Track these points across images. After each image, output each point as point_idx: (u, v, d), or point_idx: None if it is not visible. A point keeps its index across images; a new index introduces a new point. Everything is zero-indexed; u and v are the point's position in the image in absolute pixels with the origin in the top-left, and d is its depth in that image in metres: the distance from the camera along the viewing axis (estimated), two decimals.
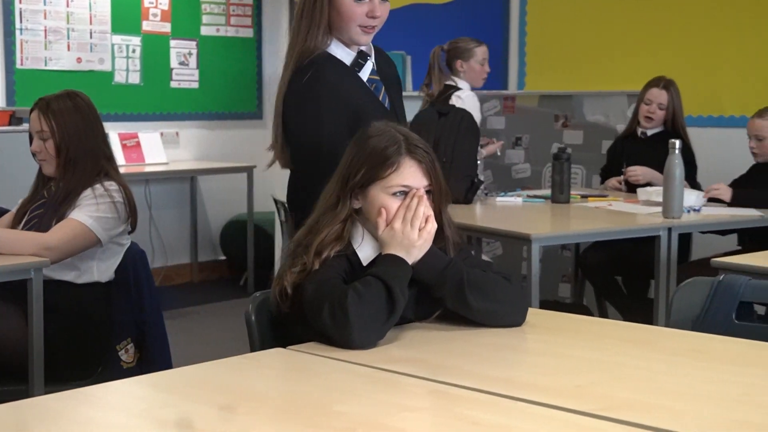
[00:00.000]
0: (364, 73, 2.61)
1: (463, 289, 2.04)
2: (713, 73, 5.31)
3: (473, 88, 5.00)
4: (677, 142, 3.82)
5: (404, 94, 5.39)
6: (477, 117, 4.75)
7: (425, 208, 2.04)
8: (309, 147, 2.56)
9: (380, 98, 2.62)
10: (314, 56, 2.56)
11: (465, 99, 4.84)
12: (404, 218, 2.03)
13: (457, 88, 4.88)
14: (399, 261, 2.01)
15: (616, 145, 5.06)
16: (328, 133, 2.52)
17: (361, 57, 2.59)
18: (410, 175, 2.06)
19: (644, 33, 5.59)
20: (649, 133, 4.82)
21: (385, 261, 2.01)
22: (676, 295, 2.47)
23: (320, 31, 2.55)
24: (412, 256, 2.03)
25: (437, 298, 2.07)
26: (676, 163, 3.79)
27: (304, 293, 1.97)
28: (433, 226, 2.05)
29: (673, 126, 4.75)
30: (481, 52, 4.97)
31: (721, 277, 2.45)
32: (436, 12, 6.56)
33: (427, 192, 2.08)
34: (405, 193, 2.05)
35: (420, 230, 2.03)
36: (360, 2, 2.51)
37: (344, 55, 2.59)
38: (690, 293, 2.44)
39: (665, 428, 1.45)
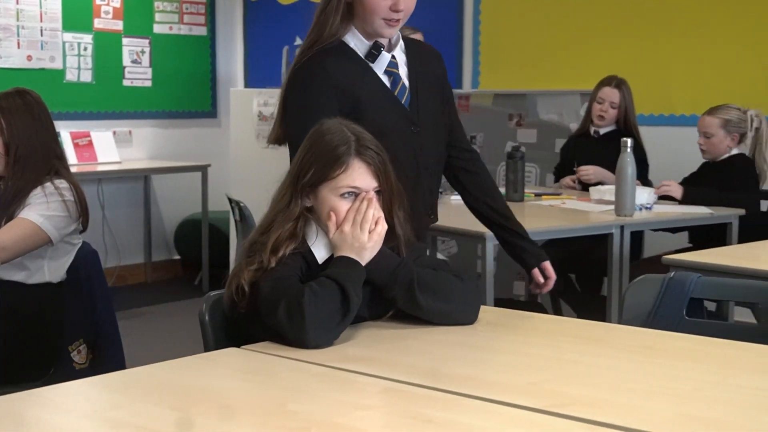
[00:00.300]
0: (380, 65, 2.56)
1: (413, 290, 2.05)
2: (665, 72, 5.37)
3: None
4: (629, 141, 3.86)
5: None
6: None
7: (375, 210, 2.04)
8: (293, 131, 2.52)
9: (396, 92, 2.57)
10: (325, 43, 2.54)
11: None
12: (354, 221, 2.03)
13: None
14: (352, 263, 2.01)
15: (569, 144, 5.10)
16: (311, 119, 2.43)
17: (375, 48, 2.54)
18: (359, 176, 2.05)
19: (597, 32, 5.63)
20: (602, 131, 4.86)
21: (338, 263, 2.01)
22: (628, 293, 2.49)
23: (336, 19, 2.53)
24: (364, 258, 2.03)
25: (388, 298, 2.07)
26: (627, 161, 3.83)
27: (260, 291, 1.97)
28: (383, 227, 2.05)
29: (625, 124, 4.80)
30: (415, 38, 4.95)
31: (672, 274, 2.48)
32: None
33: (377, 193, 2.08)
34: (354, 195, 2.05)
35: (370, 232, 2.03)
36: None
37: (359, 45, 2.56)
38: (641, 290, 2.46)
39: (618, 424, 1.47)
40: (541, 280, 2.66)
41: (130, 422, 1.52)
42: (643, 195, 4.07)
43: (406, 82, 2.59)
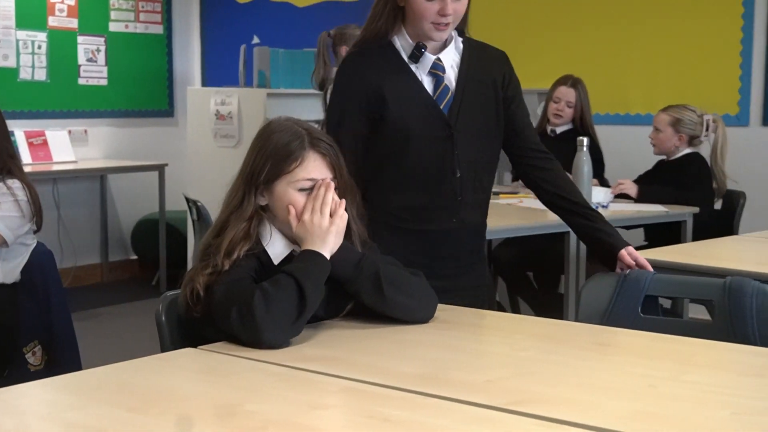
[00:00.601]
0: (423, 66, 2.56)
1: (379, 282, 2.05)
2: (621, 72, 5.42)
3: None
4: (585, 140, 3.89)
5: (318, 92, 5.37)
6: None
7: (334, 195, 2.04)
8: (327, 123, 2.63)
9: (436, 94, 2.56)
10: (371, 43, 2.59)
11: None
12: (313, 209, 2.02)
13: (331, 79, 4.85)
14: (315, 256, 2.00)
15: None
16: (332, 115, 2.59)
17: (417, 49, 2.55)
18: (315, 168, 2.06)
19: (555, 32, 5.67)
20: (559, 130, 4.89)
21: (300, 257, 2.01)
22: (584, 290, 2.51)
23: (381, 22, 2.57)
24: (329, 245, 2.02)
25: (351, 292, 2.07)
26: (584, 160, 3.86)
27: (213, 296, 1.96)
28: (345, 213, 2.05)
29: (582, 124, 4.83)
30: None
31: (628, 272, 2.50)
32: (348, 9, 6.56)
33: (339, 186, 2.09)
34: (311, 189, 2.05)
35: (331, 216, 2.02)
36: (431, 1, 2.48)
37: (405, 46, 2.57)
38: (597, 288, 2.48)
39: (573, 421, 1.48)
40: (632, 262, 2.53)
41: (85, 424, 1.50)
42: (600, 194, 4.11)
43: (452, 84, 2.57)
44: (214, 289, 1.96)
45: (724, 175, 4.54)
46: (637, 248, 3.83)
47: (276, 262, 2.06)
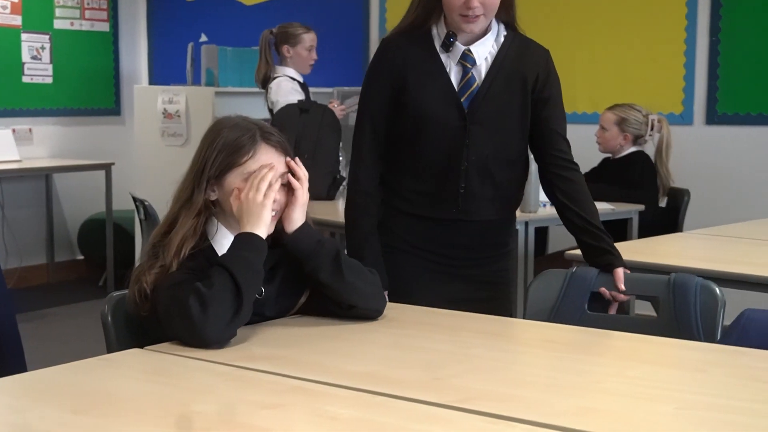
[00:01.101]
0: (453, 55, 2.58)
1: (339, 262, 2.06)
2: (567, 71, 5.46)
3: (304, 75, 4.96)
4: None
5: (263, 89, 5.33)
6: (292, 100, 4.70)
7: (274, 173, 2.03)
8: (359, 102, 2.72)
9: (461, 84, 2.57)
10: (410, 29, 2.64)
11: (274, 87, 4.80)
12: (250, 185, 2.01)
13: (273, 78, 4.84)
14: (249, 238, 1.98)
15: None
16: (366, 95, 2.66)
17: (447, 38, 2.57)
18: (267, 160, 2.06)
19: None
20: None
21: (234, 243, 1.99)
22: (532, 287, 2.53)
23: (419, 11, 2.62)
24: (263, 220, 2.00)
25: (309, 270, 2.06)
26: (530, 158, 3.88)
27: (157, 297, 1.95)
28: (284, 194, 2.07)
29: None
30: (308, 38, 4.93)
31: (574, 269, 2.53)
32: (297, 7, 6.54)
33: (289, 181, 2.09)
34: None
35: (267, 193, 2.00)
36: None
37: (441, 33, 2.60)
38: (545, 285, 2.51)
39: (520, 417, 1.49)
40: (621, 285, 2.50)
41: (31, 426, 1.49)
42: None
43: (480, 76, 2.58)
44: (158, 291, 1.95)
45: (669, 174, 4.61)
46: None
47: None
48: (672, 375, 1.79)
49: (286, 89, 4.76)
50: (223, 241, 2.06)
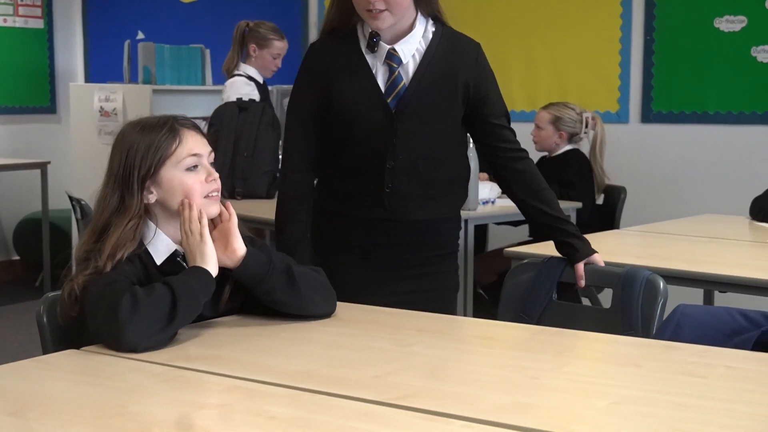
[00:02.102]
0: (379, 55, 2.56)
1: (292, 276, 2.06)
2: (503, 69, 5.50)
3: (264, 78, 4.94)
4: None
5: (204, 88, 5.30)
6: (242, 95, 4.68)
7: (197, 213, 2.02)
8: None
9: (387, 83, 2.55)
10: (334, 30, 2.64)
11: (228, 85, 4.77)
12: (184, 232, 2.01)
13: (233, 74, 4.81)
14: (198, 272, 1.97)
15: None
16: (293, 98, 2.67)
17: (371, 38, 2.56)
18: (195, 144, 2.05)
19: None
20: None
21: (186, 271, 1.99)
22: (507, 278, 2.64)
23: (332, 12, 2.63)
24: (207, 255, 1.99)
25: (262, 293, 2.06)
26: (471, 156, 3.90)
27: (86, 294, 1.93)
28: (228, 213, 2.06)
29: None
30: (279, 46, 4.90)
31: (546, 258, 2.60)
32: (234, 5, 6.51)
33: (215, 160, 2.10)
34: (195, 166, 2.04)
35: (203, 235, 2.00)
36: None
37: (365, 33, 2.59)
38: (518, 276, 2.63)
39: (457, 414, 1.50)
40: (581, 282, 2.56)
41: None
42: (485, 189, 4.16)
43: (407, 74, 2.56)
44: (89, 289, 1.93)
45: (603, 171, 4.67)
46: (523, 243, 3.93)
47: (159, 261, 2.03)
48: (607, 370, 1.81)
49: (238, 88, 4.73)
50: (159, 246, 2.04)
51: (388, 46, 2.57)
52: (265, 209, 4.01)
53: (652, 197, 5.08)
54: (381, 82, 2.56)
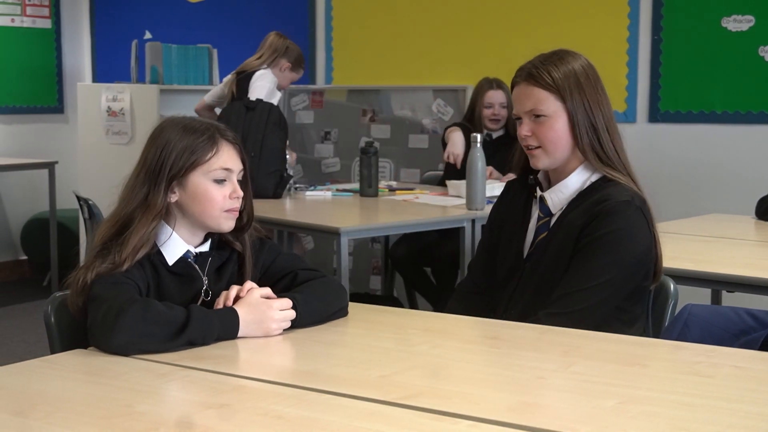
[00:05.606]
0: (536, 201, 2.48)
1: (320, 310, 2.06)
2: (511, 71, 5.49)
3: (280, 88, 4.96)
4: (478, 136, 3.93)
5: (211, 88, 5.30)
6: (270, 96, 4.71)
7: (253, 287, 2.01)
8: None
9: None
10: None
11: (258, 76, 4.79)
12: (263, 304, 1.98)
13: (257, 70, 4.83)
14: (231, 316, 1.94)
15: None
16: None
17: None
18: (229, 158, 2.05)
19: (448, 29, 5.72)
20: (494, 135, 4.86)
21: (221, 311, 1.95)
22: None
23: None
24: (248, 324, 1.96)
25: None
26: (477, 156, 3.90)
27: (94, 286, 1.92)
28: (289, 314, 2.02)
29: (509, 123, 4.79)
30: (299, 77, 5.02)
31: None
32: (241, 5, 6.51)
33: (243, 177, 2.09)
34: (224, 180, 2.04)
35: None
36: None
37: None
38: None
39: (464, 414, 1.50)
40: None
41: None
42: (493, 188, 4.16)
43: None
44: (99, 282, 1.92)
45: None
46: None
47: (171, 262, 2.03)
48: (614, 370, 1.81)
49: (268, 84, 4.77)
50: (173, 247, 2.04)
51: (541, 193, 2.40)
52: (272, 209, 4.02)
53: (659, 197, 5.03)
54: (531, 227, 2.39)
